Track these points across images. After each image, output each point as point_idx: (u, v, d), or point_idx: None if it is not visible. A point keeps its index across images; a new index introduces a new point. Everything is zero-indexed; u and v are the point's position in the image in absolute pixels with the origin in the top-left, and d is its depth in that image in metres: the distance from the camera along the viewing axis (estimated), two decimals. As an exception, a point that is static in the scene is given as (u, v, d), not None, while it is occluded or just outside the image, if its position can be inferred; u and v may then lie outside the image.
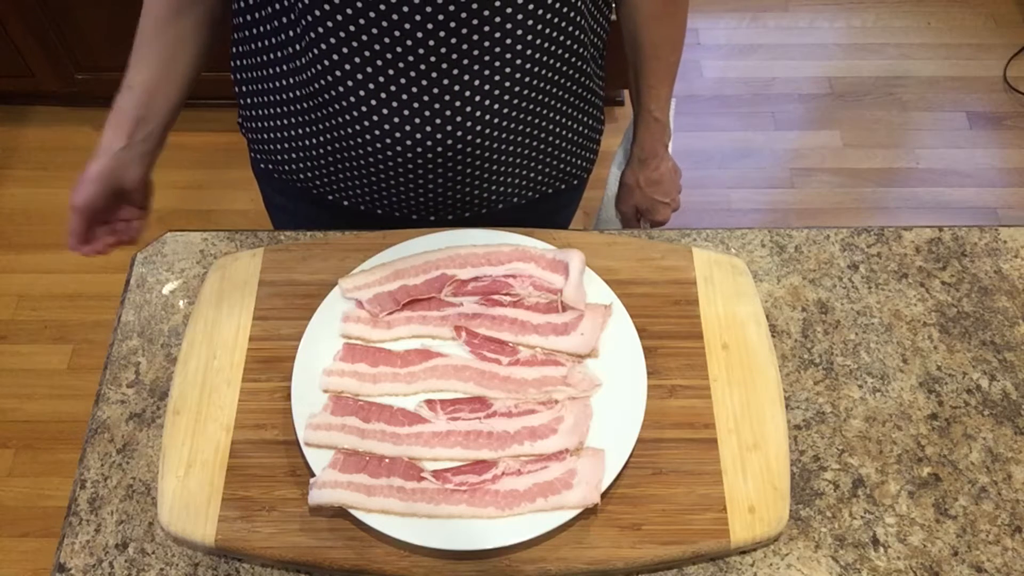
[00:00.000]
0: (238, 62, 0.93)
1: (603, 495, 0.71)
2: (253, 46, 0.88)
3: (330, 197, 0.97)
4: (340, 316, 0.81)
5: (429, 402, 0.77)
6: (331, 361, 0.79)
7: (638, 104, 1.00)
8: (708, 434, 0.76)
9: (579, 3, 0.82)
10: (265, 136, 0.96)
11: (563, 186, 1.01)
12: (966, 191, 2.12)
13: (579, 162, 1.01)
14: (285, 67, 0.86)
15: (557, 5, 0.80)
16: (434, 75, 0.80)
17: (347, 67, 0.81)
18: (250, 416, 0.77)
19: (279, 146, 0.95)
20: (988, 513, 0.75)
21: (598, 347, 0.80)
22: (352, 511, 0.70)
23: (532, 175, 0.96)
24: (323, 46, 0.80)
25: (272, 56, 0.86)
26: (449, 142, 0.85)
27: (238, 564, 0.73)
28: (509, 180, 0.94)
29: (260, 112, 0.94)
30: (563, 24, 0.82)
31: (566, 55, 0.86)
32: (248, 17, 0.86)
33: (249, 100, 0.94)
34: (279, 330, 0.82)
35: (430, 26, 0.76)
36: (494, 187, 0.94)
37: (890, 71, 2.33)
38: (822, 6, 2.46)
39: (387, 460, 0.74)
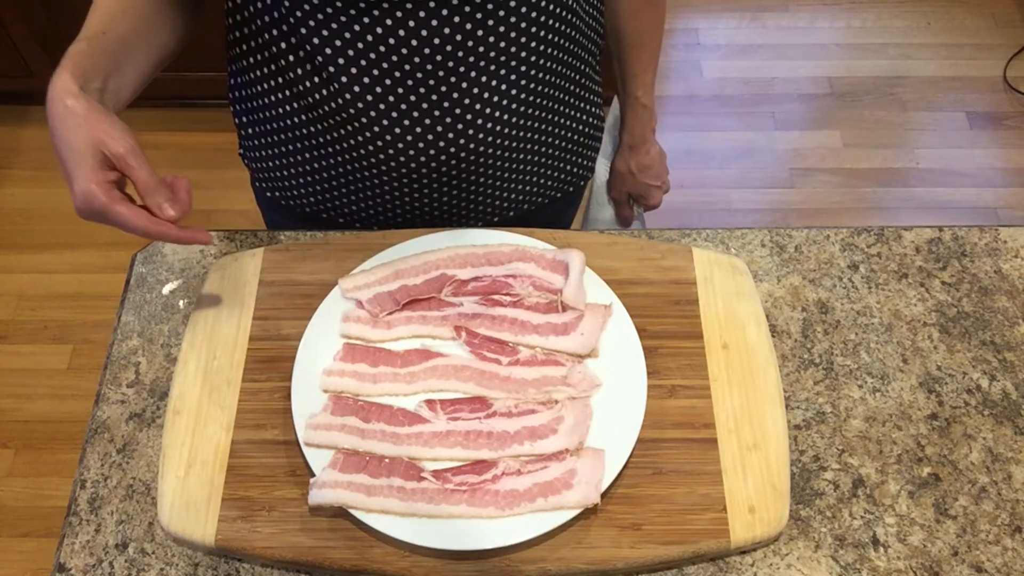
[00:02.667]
0: (238, 93, 0.92)
1: (603, 495, 0.71)
2: (253, 75, 0.87)
3: (341, 220, 0.97)
4: (340, 316, 0.81)
5: (429, 402, 0.77)
6: (331, 361, 0.79)
7: (624, 92, 1.01)
8: (708, 434, 0.76)
9: (575, 4, 0.82)
10: (271, 164, 0.95)
11: (571, 188, 1.02)
12: (966, 191, 2.12)
13: (585, 162, 1.01)
14: (289, 92, 0.85)
15: (556, 9, 0.80)
16: (443, 88, 0.80)
17: (356, 88, 0.80)
18: (250, 416, 0.77)
19: (286, 172, 0.94)
20: (988, 513, 0.75)
21: (598, 347, 0.80)
22: (352, 511, 0.70)
23: (541, 180, 0.96)
24: (331, 68, 0.79)
25: (274, 83, 0.85)
26: (463, 154, 0.85)
27: (238, 564, 0.73)
28: (520, 187, 0.94)
29: (264, 140, 0.93)
30: (562, 27, 0.82)
31: (567, 57, 0.86)
32: (246, 46, 0.85)
33: (252, 130, 0.94)
34: (279, 330, 0.82)
35: (437, 40, 0.76)
36: (506, 194, 0.94)
37: (890, 71, 2.33)
38: (822, 6, 2.46)
39: (387, 460, 0.74)
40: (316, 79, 0.81)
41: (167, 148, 2.15)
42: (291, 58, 0.81)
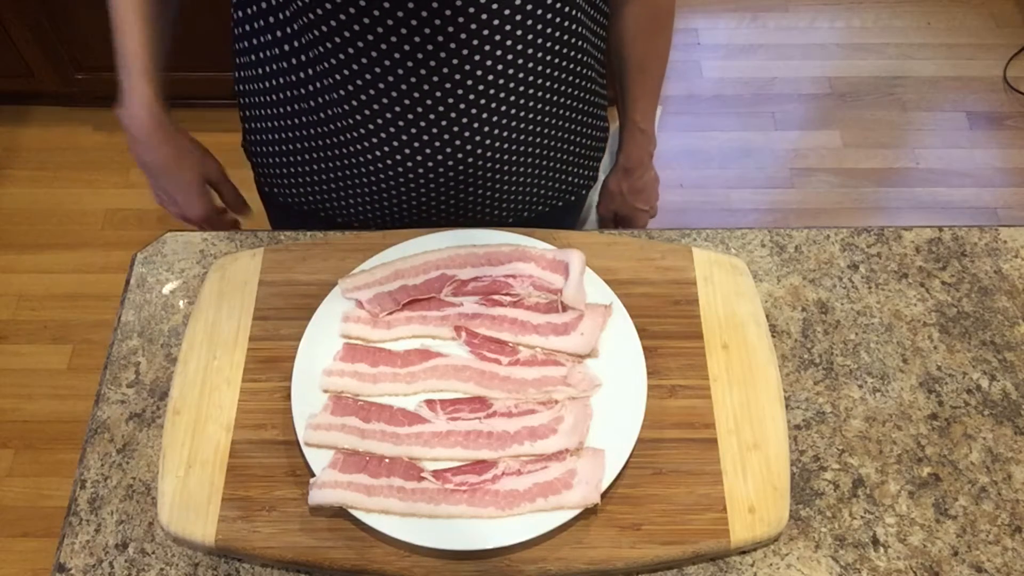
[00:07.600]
0: (243, 87, 0.92)
1: (603, 495, 0.71)
2: (258, 71, 0.87)
3: (339, 219, 0.97)
4: (340, 316, 0.81)
5: (429, 402, 0.77)
6: (331, 361, 0.79)
7: (624, 115, 1.01)
8: (708, 434, 0.76)
9: (579, 14, 0.82)
10: (271, 160, 0.95)
11: (572, 197, 1.02)
12: (966, 191, 2.12)
13: (587, 172, 1.01)
14: (291, 92, 0.85)
15: (558, 19, 0.80)
16: (438, 94, 0.80)
17: (363, 96, 0.80)
18: (250, 416, 0.77)
19: (285, 170, 0.95)
20: (988, 513, 0.75)
21: (598, 347, 0.80)
22: (352, 511, 0.70)
23: (543, 189, 0.96)
24: (336, 76, 0.79)
25: (278, 82, 0.86)
26: (465, 163, 0.85)
27: (238, 564, 0.73)
28: (521, 195, 0.94)
29: (266, 137, 0.93)
30: (565, 36, 0.82)
31: (570, 65, 0.86)
32: (253, 41, 0.85)
33: (255, 125, 0.94)
34: (279, 330, 0.82)
35: (430, 47, 0.76)
36: (506, 202, 0.94)
37: (890, 71, 2.33)
38: (822, 6, 2.46)
39: (387, 460, 0.74)
40: (319, 84, 0.81)
41: (167, 148, 2.14)
42: (294, 61, 0.81)
